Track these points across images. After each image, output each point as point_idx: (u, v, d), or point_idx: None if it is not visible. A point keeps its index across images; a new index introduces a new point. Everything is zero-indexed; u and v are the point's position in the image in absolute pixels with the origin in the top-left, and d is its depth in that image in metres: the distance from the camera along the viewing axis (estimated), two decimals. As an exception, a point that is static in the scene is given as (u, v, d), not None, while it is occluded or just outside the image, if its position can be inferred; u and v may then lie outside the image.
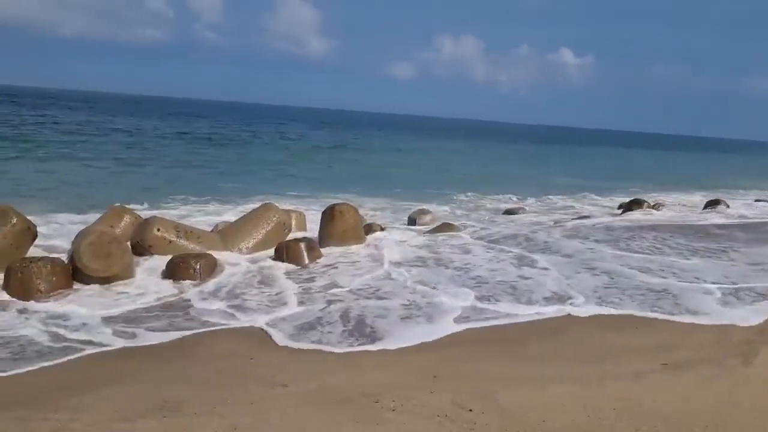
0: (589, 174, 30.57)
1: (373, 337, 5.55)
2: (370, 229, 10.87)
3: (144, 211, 11.65)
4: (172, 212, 13.11)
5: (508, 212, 15.48)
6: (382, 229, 11.29)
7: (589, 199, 20.64)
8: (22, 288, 6.70)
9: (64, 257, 7.60)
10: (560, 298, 6.94)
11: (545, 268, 8.40)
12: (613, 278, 7.89)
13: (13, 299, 6.54)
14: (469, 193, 19.87)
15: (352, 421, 3.78)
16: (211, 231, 10.41)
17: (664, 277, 8.00)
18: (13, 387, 4.23)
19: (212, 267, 7.93)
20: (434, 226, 11.80)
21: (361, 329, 5.76)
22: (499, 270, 8.34)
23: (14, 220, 7.72)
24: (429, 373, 4.58)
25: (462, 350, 5.22)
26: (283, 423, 3.74)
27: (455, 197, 19.01)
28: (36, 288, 6.74)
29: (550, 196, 20.58)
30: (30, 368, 4.59)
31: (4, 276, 6.84)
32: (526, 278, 7.87)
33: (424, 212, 12.71)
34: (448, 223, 11.98)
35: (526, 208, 16.61)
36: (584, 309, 6.55)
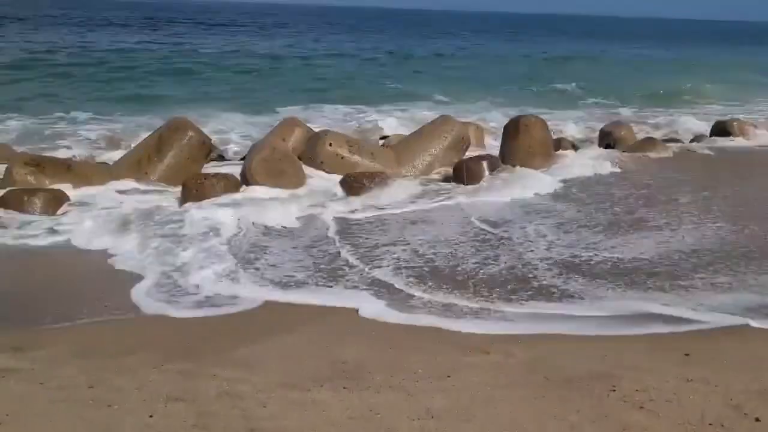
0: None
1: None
2: (558, 145, 9.49)
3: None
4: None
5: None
6: (575, 148, 9.83)
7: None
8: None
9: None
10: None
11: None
12: None
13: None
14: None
15: (586, 419, 2.84)
16: (383, 145, 9.75)
17: None
18: (188, 326, 3.81)
19: (386, 187, 7.21)
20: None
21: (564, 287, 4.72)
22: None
23: (190, 134, 7.52)
24: (678, 349, 3.48)
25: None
26: (489, 412, 2.90)
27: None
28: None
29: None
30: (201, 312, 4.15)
31: (181, 191, 6.67)
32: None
33: (619, 126, 10.88)
34: (652, 138, 10.16)
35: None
36: None
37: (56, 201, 6.33)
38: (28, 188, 6.43)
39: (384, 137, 10.52)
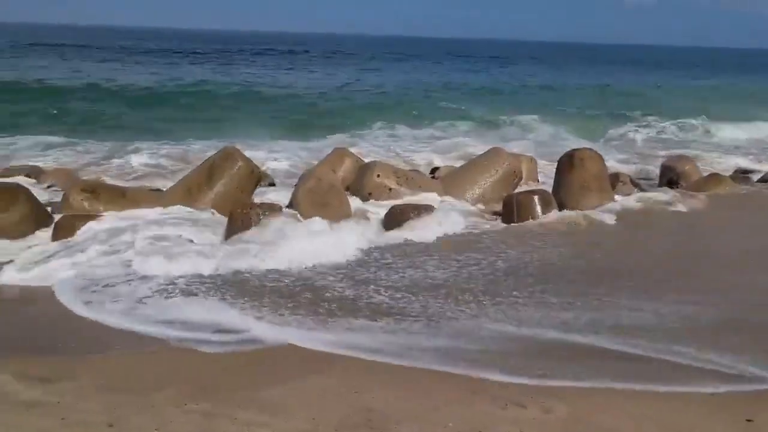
0: None
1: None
2: (616, 180, 9.10)
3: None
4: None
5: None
6: (636, 185, 9.38)
7: None
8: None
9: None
10: None
11: None
12: None
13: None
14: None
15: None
16: (432, 176, 9.63)
17: None
18: (210, 367, 3.73)
19: (430, 220, 7.04)
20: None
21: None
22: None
23: (239, 164, 7.59)
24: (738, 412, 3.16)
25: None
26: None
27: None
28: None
29: None
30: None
31: (228, 221, 6.70)
32: None
33: (683, 160, 10.37)
34: (717, 175, 9.63)
35: None
36: None
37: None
38: (80, 214, 6.59)
39: (435, 169, 10.40)
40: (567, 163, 8.34)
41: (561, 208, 7.65)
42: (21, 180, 8.71)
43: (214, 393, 3.36)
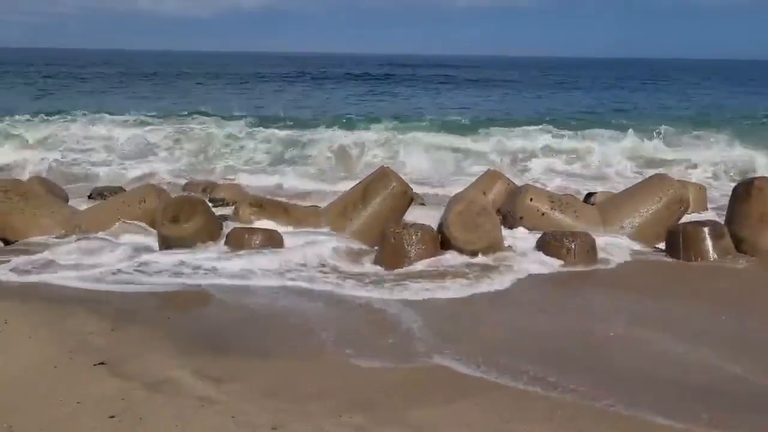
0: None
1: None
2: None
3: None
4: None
5: None
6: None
7: None
8: (393, 254, 6.65)
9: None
10: None
11: None
12: None
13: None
14: None
15: None
16: (589, 202, 9.25)
17: None
18: (365, 381, 3.86)
19: (589, 249, 6.76)
20: None
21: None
22: None
23: (393, 184, 7.81)
24: None
25: None
26: None
27: None
28: (405, 255, 6.62)
29: None
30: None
31: (381, 241, 6.91)
32: None
33: None
34: None
35: None
36: None
37: (272, 241, 6.95)
38: (249, 227, 7.15)
39: (590, 194, 9.98)
40: (743, 192, 7.60)
41: (735, 241, 6.99)
42: (198, 194, 9.69)
43: (369, 408, 3.47)
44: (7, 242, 7.32)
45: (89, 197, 10.22)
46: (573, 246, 6.68)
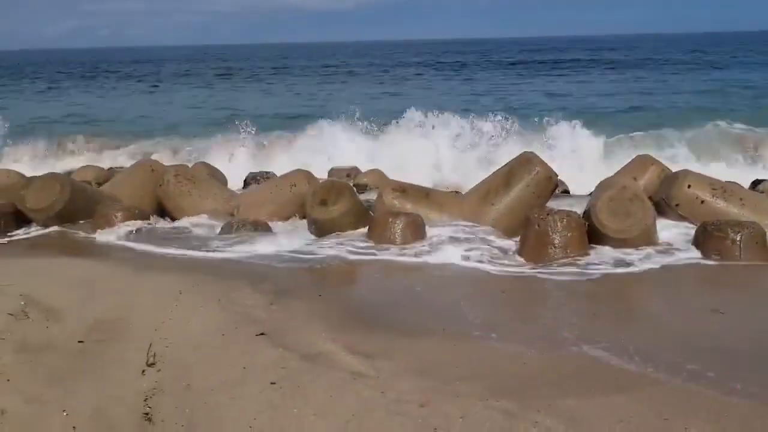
0: None
1: None
2: None
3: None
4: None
5: None
6: None
7: None
8: (537, 241, 6.50)
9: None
10: None
11: None
12: None
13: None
14: None
15: None
16: (757, 189, 8.44)
17: None
18: (513, 366, 3.82)
19: (758, 241, 6.16)
20: None
21: None
22: None
23: (537, 169, 7.62)
24: None
25: None
26: None
27: None
28: (550, 242, 6.44)
29: None
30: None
31: (524, 226, 6.78)
32: None
33: None
34: None
35: None
36: None
37: (415, 225, 7.06)
38: (393, 212, 7.32)
39: (758, 181, 9.10)
40: None
41: None
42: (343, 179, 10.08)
43: (517, 393, 3.44)
44: (174, 220, 8.11)
45: (245, 182, 11.01)
46: (739, 237, 6.13)
